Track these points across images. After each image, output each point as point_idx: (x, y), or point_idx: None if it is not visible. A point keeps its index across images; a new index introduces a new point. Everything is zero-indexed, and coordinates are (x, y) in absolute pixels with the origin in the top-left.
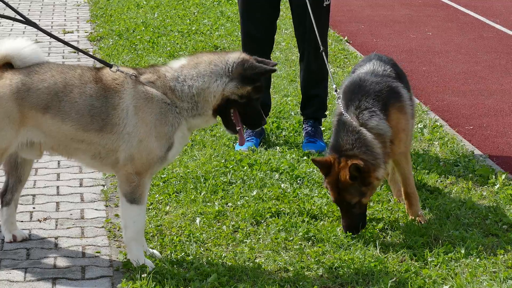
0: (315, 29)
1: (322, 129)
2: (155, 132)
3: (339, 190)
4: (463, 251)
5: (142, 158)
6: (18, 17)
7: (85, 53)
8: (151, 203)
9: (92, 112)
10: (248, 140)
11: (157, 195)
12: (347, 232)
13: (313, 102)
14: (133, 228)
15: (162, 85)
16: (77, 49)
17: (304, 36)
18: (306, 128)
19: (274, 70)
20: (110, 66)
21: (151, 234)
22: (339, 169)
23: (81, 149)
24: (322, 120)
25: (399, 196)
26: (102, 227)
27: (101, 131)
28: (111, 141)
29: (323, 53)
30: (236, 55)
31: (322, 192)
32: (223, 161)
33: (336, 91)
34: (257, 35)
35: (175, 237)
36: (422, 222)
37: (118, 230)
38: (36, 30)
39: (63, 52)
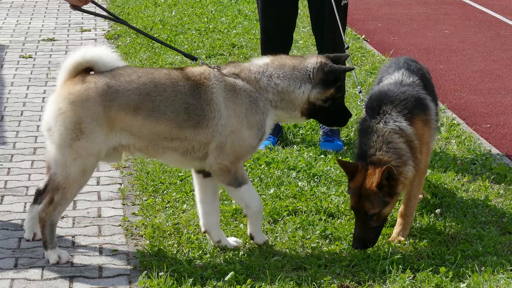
0: (339, 25)
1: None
2: (247, 122)
3: (360, 197)
4: (480, 249)
5: (235, 148)
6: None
7: (171, 47)
8: (168, 202)
9: (188, 109)
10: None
11: (174, 193)
12: (356, 248)
13: None
14: (255, 203)
15: (246, 76)
16: (167, 45)
17: (323, 35)
18: (324, 126)
19: (352, 69)
20: (195, 59)
21: (168, 232)
22: (365, 175)
23: (172, 147)
24: None
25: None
26: (119, 225)
27: (196, 127)
28: (206, 135)
29: (347, 51)
30: (314, 60)
31: (340, 190)
32: None
33: (360, 92)
34: (276, 33)
35: (192, 235)
36: (398, 243)
37: (136, 228)
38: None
39: None
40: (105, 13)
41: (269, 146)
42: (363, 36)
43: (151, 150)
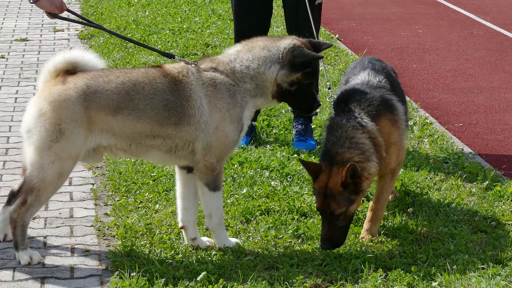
0: (311, 20)
1: (313, 127)
2: (229, 116)
3: (326, 197)
4: (452, 248)
5: (220, 144)
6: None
7: (148, 47)
8: (141, 202)
9: (168, 106)
10: None
11: (147, 194)
12: (325, 249)
13: None
14: (218, 214)
15: (223, 69)
16: (144, 45)
17: (297, 34)
18: (297, 126)
19: (321, 57)
20: (172, 57)
21: (140, 232)
22: (329, 175)
23: (155, 145)
24: (313, 118)
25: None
26: (91, 226)
27: (178, 124)
28: (189, 133)
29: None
30: (288, 41)
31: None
32: None
33: (329, 88)
34: (250, 33)
35: (164, 235)
36: (365, 241)
37: (108, 229)
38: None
39: (53, 51)
40: (81, 19)
41: (242, 145)
42: (336, 36)
43: (135, 149)
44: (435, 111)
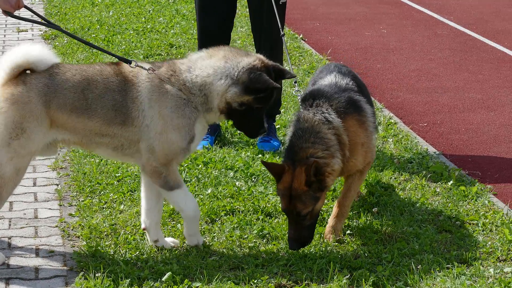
0: (277, 16)
1: (276, 126)
2: (172, 124)
3: (291, 198)
4: (417, 247)
5: (163, 150)
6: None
7: (104, 50)
8: (105, 202)
9: (115, 106)
10: (203, 139)
11: (112, 194)
12: (293, 249)
13: None
14: (189, 208)
15: (176, 80)
16: (98, 48)
17: (261, 33)
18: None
19: (278, 87)
20: (129, 62)
21: (105, 233)
22: (293, 175)
23: (104, 143)
24: (277, 117)
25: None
26: (56, 226)
27: (123, 125)
28: (133, 133)
29: (283, 38)
30: (249, 60)
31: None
32: None
33: (295, 82)
34: (213, 32)
35: (129, 236)
36: (330, 240)
37: (72, 229)
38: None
39: None
40: (38, 19)
41: (207, 146)
42: (301, 36)
43: (85, 144)
44: (400, 111)
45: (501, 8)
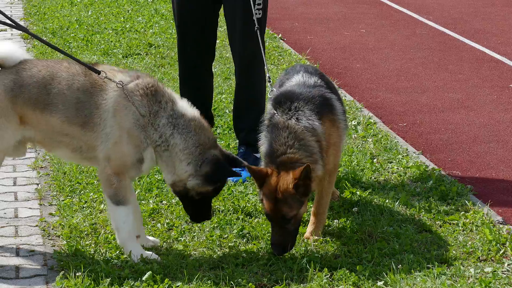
0: (255, 19)
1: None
2: (127, 138)
3: (276, 201)
4: (397, 247)
5: (117, 160)
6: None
7: (72, 57)
8: (85, 202)
9: (77, 105)
10: (239, 171)
11: (92, 194)
12: (278, 255)
13: (250, 111)
14: (125, 229)
15: (149, 104)
16: (66, 54)
17: (239, 53)
18: (239, 153)
19: (239, 176)
20: (98, 73)
21: (85, 232)
22: (278, 178)
23: (64, 143)
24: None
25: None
26: (36, 225)
27: (83, 127)
28: (92, 139)
29: (258, 32)
30: (212, 153)
31: (257, 190)
32: None
33: (269, 81)
34: (192, 32)
35: (109, 235)
36: (310, 240)
37: (53, 229)
38: None
39: None
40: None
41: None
42: (279, 35)
43: (47, 143)
44: (379, 110)
45: (480, 8)
